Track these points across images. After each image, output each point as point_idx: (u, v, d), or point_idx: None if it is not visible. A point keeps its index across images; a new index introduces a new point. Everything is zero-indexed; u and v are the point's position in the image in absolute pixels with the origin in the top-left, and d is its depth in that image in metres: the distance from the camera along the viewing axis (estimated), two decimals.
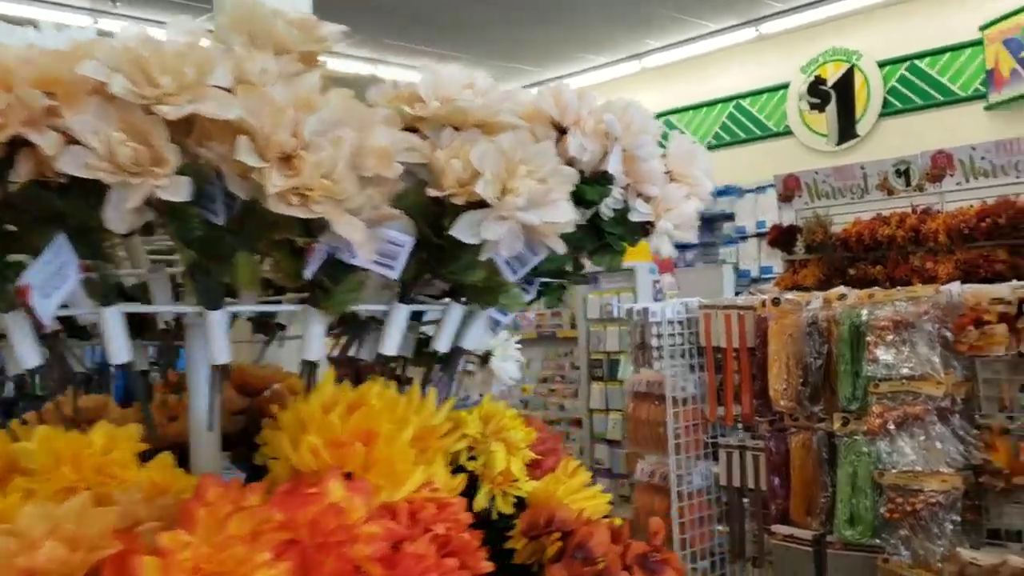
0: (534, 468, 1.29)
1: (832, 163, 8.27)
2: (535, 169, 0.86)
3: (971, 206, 6.75)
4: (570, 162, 1.10)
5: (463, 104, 0.85)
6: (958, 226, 6.67)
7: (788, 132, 9.55)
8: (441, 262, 0.93)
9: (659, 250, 1.12)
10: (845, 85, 9.02)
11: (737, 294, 7.71)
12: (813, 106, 9.30)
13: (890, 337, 2.97)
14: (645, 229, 1.15)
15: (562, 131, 1.09)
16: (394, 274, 0.88)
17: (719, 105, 10.16)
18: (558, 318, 7.53)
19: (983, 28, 7.91)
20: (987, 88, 7.94)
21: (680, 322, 3.77)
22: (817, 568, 3.30)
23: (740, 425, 3.76)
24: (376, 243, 0.84)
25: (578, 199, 1.10)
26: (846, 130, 9.03)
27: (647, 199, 1.13)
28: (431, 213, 0.89)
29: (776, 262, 8.47)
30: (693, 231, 1.13)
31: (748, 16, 9.20)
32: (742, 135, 9.97)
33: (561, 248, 0.92)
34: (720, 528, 3.80)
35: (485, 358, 1.62)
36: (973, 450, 2.98)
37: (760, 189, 9.16)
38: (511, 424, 1.21)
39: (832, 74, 9.12)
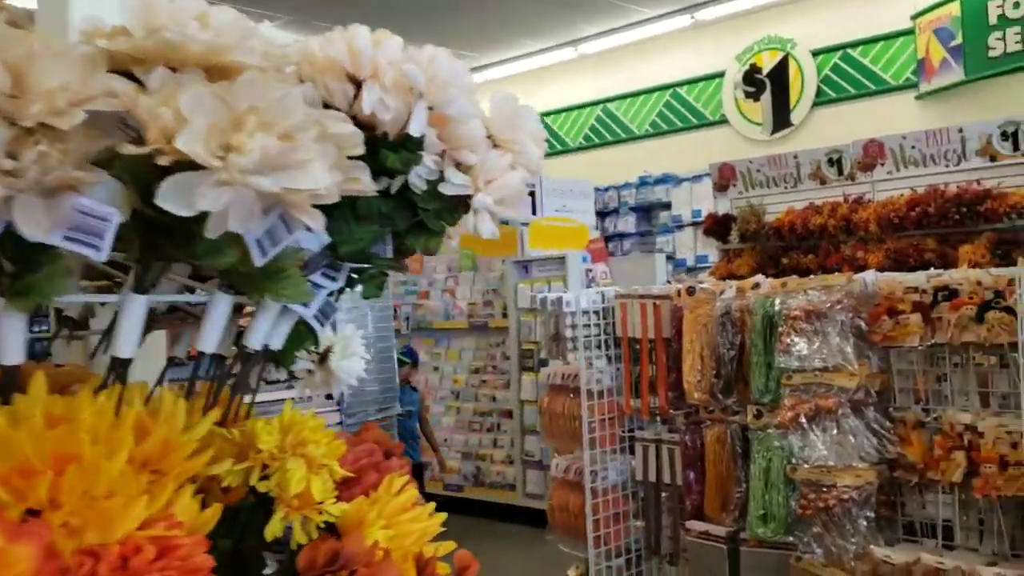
0: (352, 487, 1.11)
1: (767, 152, 8.23)
2: (273, 122, 0.68)
3: (901, 195, 6.75)
4: (370, 122, 0.93)
5: (174, 37, 0.66)
6: (888, 215, 6.68)
7: (724, 121, 9.50)
8: (173, 240, 0.75)
9: (478, 230, 0.94)
10: (780, 74, 8.99)
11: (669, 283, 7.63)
12: (748, 95, 9.26)
13: (803, 327, 2.86)
14: (467, 204, 0.98)
15: (359, 85, 0.92)
16: (100, 255, 0.70)
17: (656, 93, 10.07)
18: (490, 308, 7.38)
19: (915, 17, 7.92)
20: (918, 77, 7.95)
21: (596, 312, 3.62)
22: (731, 565, 3.19)
23: (658, 418, 3.63)
24: (59, 214, 0.65)
25: (379, 168, 0.93)
26: (780, 119, 9.00)
27: (466, 169, 0.95)
28: (150, 178, 0.70)
29: (712, 251, 8.42)
30: (519, 207, 0.96)
31: (684, 3, 9.11)
32: (679, 124, 9.89)
33: (317, 223, 0.74)
34: (637, 524, 3.67)
35: (324, 356, 1.44)
36: (887, 444, 2.89)
37: (696, 178, 9.11)
38: (314, 436, 1.03)
39: (767, 62, 9.08)
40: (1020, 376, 2.50)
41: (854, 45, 8.49)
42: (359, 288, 1.14)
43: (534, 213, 7.15)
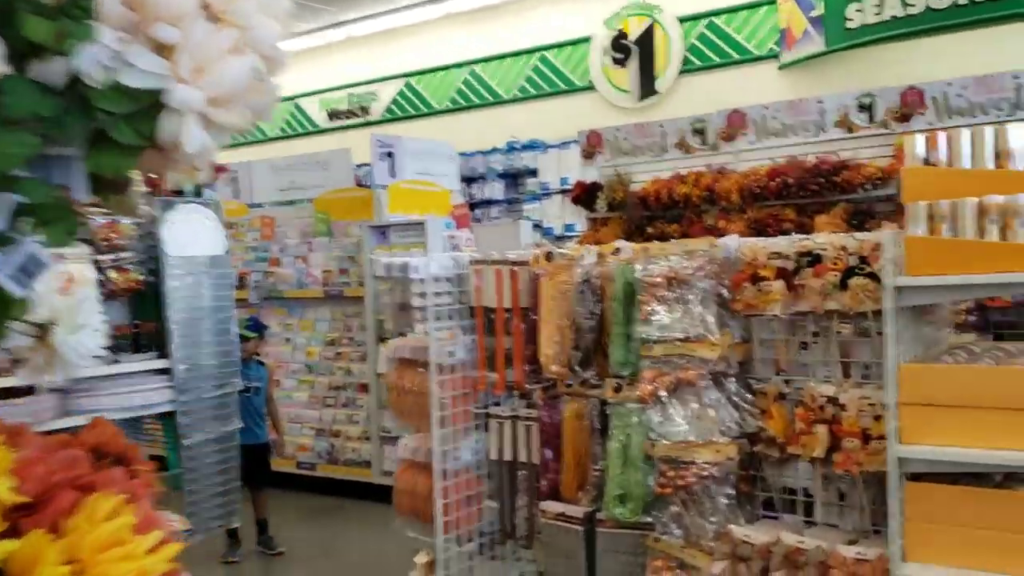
0: (38, 514, 0.79)
1: (634, 119, 8.12)
2: None
3: (763, 165, 6.77)
4: None
5: None
6: (750, 185, 6.68)
7: (591, 87, 9.34)
8: None
9: (180, 139, 0.63)
10: (646, 40, 8.88)
11: None
12: (616, 61, 9.13)
13: (664, 295, 2.67)
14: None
15: None
16: None
17: (524, 56, 9.81)
18: (345, 276, 7.00)
19: None
20: (780, 47, 8.00)
21: (448, 279, 3.34)
22: (587, 549, 3.00)
23: (514, 393, 3.39)
24: None
25: (26, 42, 0.60)
26: (647, 87, 8.92)
27: (166, 52, 0.64)
28: None
29: (580, 220, 8.28)
30: (246, 110, 0.65)
31: None
32: (547, 89, 9.68)
33: None
34: (492, 505, 3.44)
35: (44, 329, 1.09)
36: (748, 417, 2.74)
37: (564, 145, 8.95)
38: None
39: (634, 29, 8.96)
40: (884, 346, 2.38)
41: (719, 13, 8.46)
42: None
43: (393, 176, 6.78)
